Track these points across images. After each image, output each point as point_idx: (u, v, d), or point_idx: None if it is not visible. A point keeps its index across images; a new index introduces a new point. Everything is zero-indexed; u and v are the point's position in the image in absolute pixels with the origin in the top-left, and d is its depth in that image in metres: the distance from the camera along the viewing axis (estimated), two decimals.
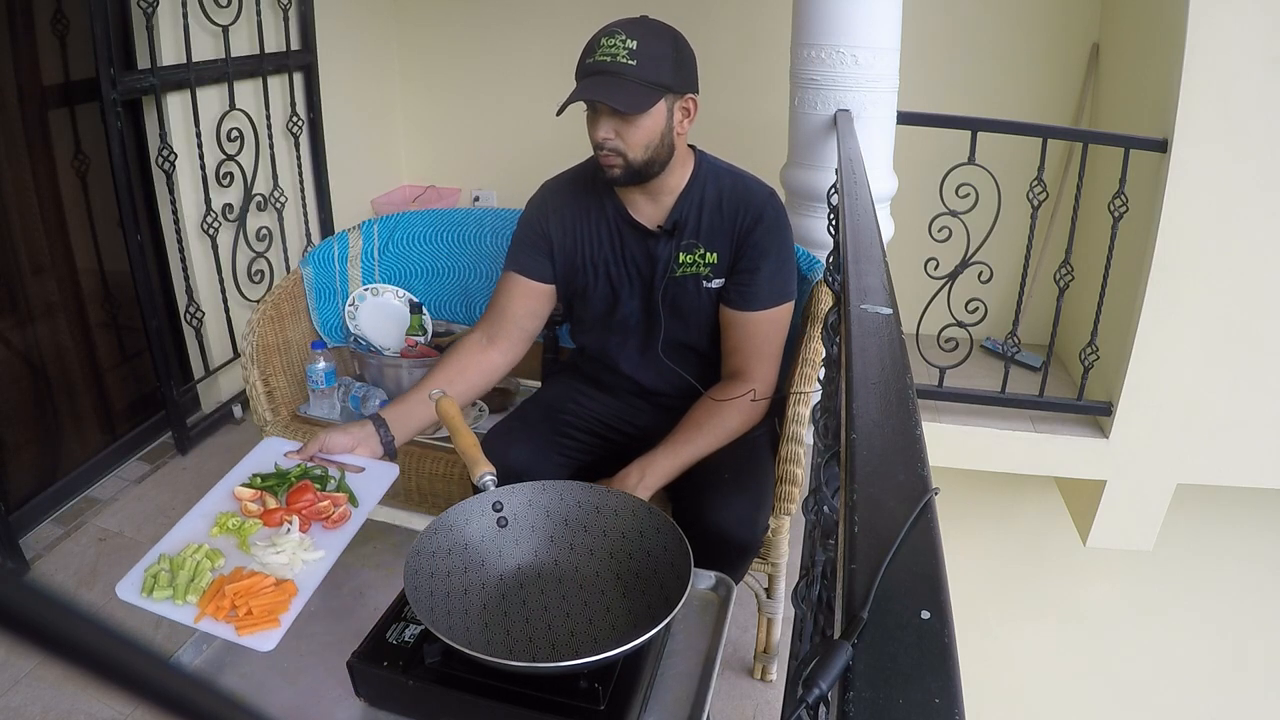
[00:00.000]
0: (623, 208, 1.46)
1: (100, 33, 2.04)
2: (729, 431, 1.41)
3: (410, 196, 3.48)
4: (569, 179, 1.54)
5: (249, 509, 1.13)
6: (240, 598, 0.97)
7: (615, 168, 1.35)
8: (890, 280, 0.96)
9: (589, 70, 1.30)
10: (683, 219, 1.44)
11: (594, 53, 1.30)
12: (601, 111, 1.32)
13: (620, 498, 1.07)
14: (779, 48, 2.27)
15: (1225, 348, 2.53)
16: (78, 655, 0.18)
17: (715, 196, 1.44)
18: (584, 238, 1.49)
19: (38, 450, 2.19)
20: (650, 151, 1.34)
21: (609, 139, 1.32)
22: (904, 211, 2.37)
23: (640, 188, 1.42)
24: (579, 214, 1.49)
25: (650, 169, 1.37)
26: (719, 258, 1.44)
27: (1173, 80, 2.28)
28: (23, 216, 2.10)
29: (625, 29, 1.30)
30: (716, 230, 1.44)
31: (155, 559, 1.03)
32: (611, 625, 0.96)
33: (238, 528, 1.10)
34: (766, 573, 1.56)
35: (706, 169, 1.46)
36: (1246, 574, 3.33)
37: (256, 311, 1.80)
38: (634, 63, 1.28)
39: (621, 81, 1.28)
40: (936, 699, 0.38)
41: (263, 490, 1.17)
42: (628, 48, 1.28)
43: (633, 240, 1.47)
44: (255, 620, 0.95)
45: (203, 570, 1.01)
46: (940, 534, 0.50)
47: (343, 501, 1.15)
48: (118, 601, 0.97)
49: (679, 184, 1.44)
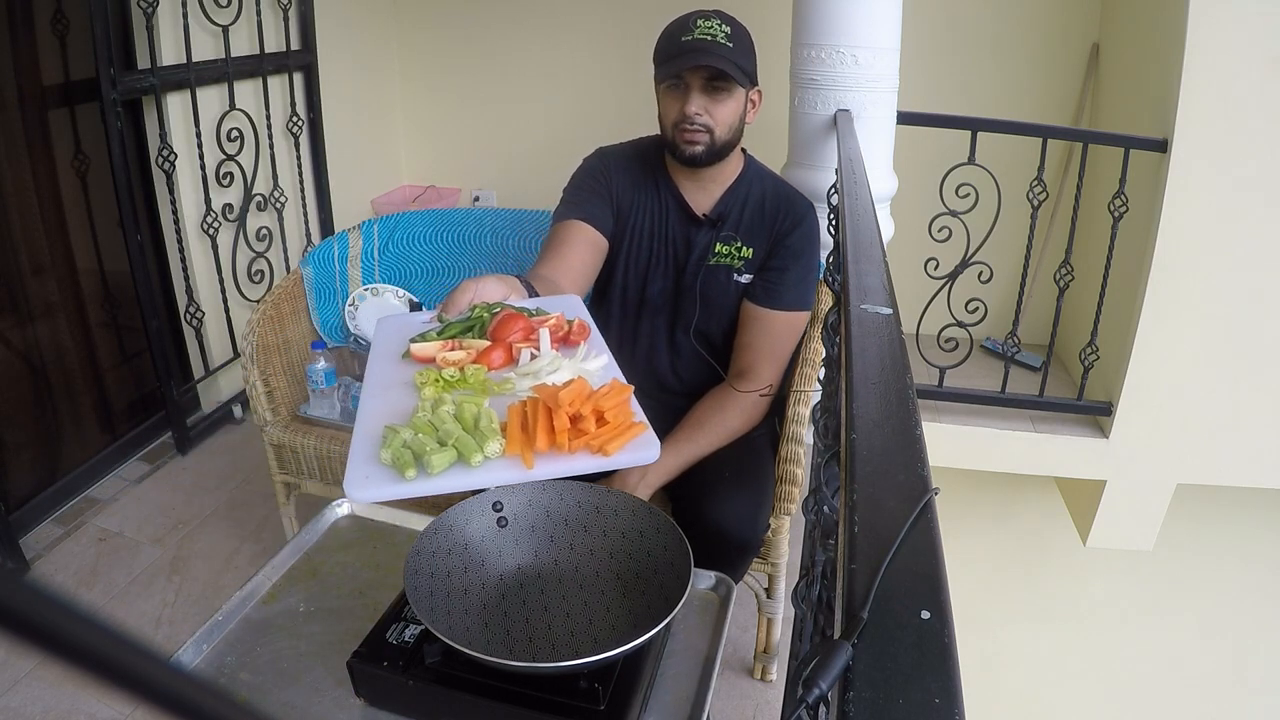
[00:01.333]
0: (678, 192, 1.50)
1: (100, 33, 2.04)
2: (730, 431, 1.43)
3: (410, 196, 3.48)
4: (629, 148, 1.56)
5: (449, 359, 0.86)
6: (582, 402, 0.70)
7: (699, 144, 1.38)
8: (890, 280, 0.96)
9: (689, 47, 1.33)
10: (727, 211, 1.48)
11: (691, 31, 1.34)
12: (694, 87, 1.36)
13: (620, 498, 1.07)
14: (779, 48, 2.27)
15: (1225, 348, 2.53)
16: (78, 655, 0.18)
17: (759, 195, 1.49)
18: (637, 205, 1.51)
19: (38, 450, 2.19)
20: (731, 132, 1.40)
21: (699, 114, 1.36)
22: (904, 211, 2.36)
23: (695, 174, 1.46)
24: (638, 180, 1.52)
25: (725, 150, 1.42)
26: (754, 254, 1.48)
27: (1173, 80, 2.27)
28: (23, 216, 2.10)
29: (718, 16, 1.36)
30: (757, 227, 1.48)
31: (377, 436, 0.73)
32: (611, 625, 0.96)
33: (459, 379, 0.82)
34: (766, 573, 1.56)
35: (754, 169, 1.52)
36: (1246, 574, 3.33)
37: (256, 311, 1.80)
38: (731, 45, 1.34)
39: (724, 59, 1.33)
40: (936, 699, 0.38)
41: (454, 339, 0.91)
42: (724, 31, 1.34)
43: (677, 222, 1.50)
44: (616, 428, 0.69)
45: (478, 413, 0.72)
46: (940, 534, 0.50)
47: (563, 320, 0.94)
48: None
49: (730, 177, 1.49)
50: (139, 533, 2.12)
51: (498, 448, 0.70)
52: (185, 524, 2.16)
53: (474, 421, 0.72)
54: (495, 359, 0.86)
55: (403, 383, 0.86)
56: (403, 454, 0.70)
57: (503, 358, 0.86)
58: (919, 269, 2.46)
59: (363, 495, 0.71)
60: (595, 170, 1.51)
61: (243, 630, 1.05)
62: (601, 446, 0.70)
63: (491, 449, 0.70)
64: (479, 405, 0.75)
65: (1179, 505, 2.78)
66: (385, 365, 0.92)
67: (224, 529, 2.14)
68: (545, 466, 0.69)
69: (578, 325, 0.93)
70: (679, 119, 1.37)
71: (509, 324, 0.90)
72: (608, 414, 0.71)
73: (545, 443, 0.69)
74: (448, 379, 0.82)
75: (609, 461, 0.71)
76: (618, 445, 0.69)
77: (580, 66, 3.27)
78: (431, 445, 0.70)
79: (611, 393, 0.74)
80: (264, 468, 1.89)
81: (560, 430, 0.69)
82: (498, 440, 0.70)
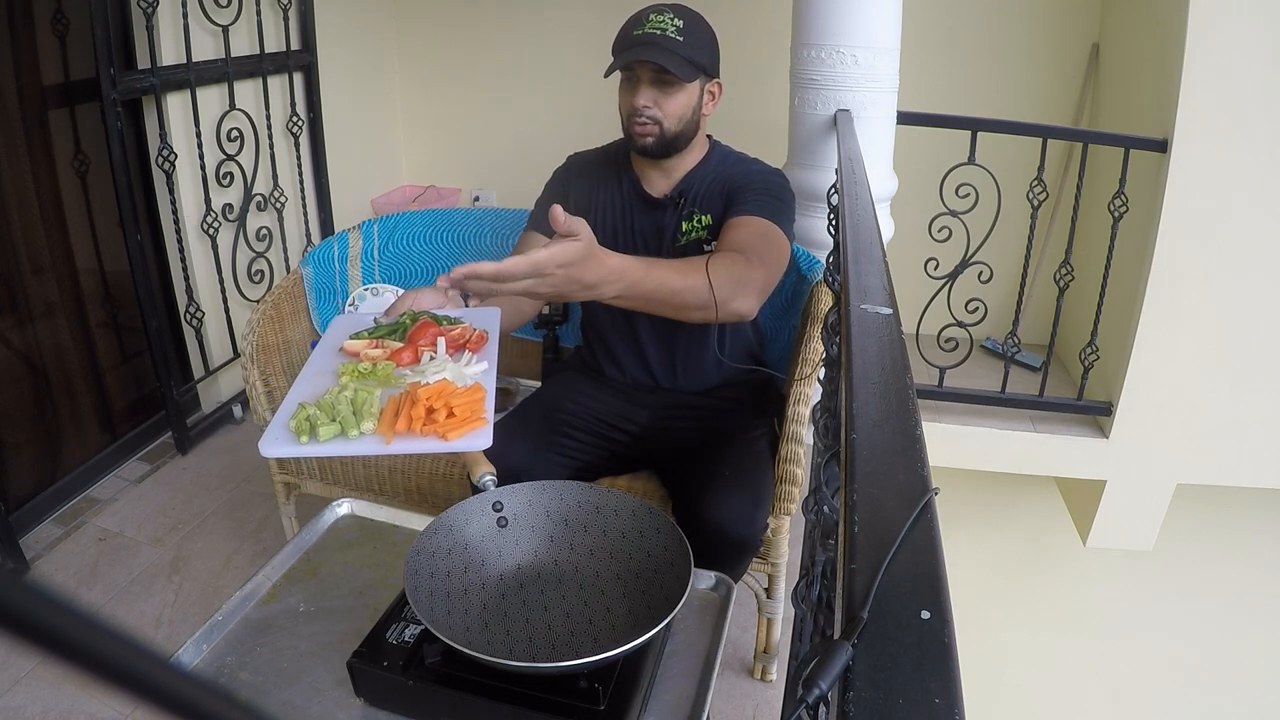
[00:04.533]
0: (637, 181, 1.52)
1: (100, 33, 2.04)
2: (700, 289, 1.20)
3: (410, 196, 3.48)
4: (595, 153, 1.62)
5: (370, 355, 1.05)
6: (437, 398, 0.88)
7: (649, 136, 1.42)
8: (890, 280, 0.96)
9: (637, 40, 1.37)
10: (688, 189, 1.50)
11: (642, 25, 1.38)
12: (643, 80, 1.39)
13: (620, 498, 1.07)
14: (779, 48, 2.27)
15: (1225, 347, 2.53)
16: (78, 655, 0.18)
17: (720, 172, 1.51)
18: (598, 205, 1.54)
19: (38, 450, 2.19)
20: (682, 124, 1.42)
21: (648, 106, 1.39)
22: (904, 211, 2.37)
23: (657, 163, 1.49)
24: (597, 183, 1.56)
25: (678, 143, 1.44)
26: (713, 217, 1.48)
27: (1173, 80, 2.28)
28: (23, 216, 2.10)
29: (672, 10, 1.39)
30: (715, 195, 1.49)
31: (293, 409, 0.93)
32: (611, 625, 0.96)
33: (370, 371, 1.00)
34: (766, 573, 1.56)
35: (719, 152, 1.54)
36: (1246, 574, 3.33)
37: (256, 311, 1.80)
38: (681, 39, 1.36)
39: (669, 53, 1.35)
40: (936, 699, 0.38)
41: (379, 338, 1.09)
42: (675, 25, 1.37)
43: (641, 211, 1.52)
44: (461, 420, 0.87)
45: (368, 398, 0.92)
46: (940, 534, 0.50)
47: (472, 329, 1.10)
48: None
49: (692, 163, 1.51)
50: (139, 533, 2.12)
51: (370, 426, 0.90)
52: (185, 524, 2.16)
53: (361, 405, 0.92)
54: (404, 358, 1.04)
55: (331, 370, 1.05)
56: (304, 424, 0.90)
57: (409, 357, 1.05)
58: (919, 269, 2.46)
59: (269, 451, 0.90)
60: (556, 180, 1.60)
61: (243, 630, 1.05)
62: (444, 433, 0.88)
63: (365, 426, 0.90)
64: (371, 393, 0.95)
65: (1179, 505, 2.78)
66: (325, 355, 1.11)
67: (224, 529, 2.14)
68: (399, 444, 0.88)
69: (477, 336, 1.09)
70: (630, 111, 1.42)
71: (422, 331, 1.08)
72: (456, 410, 0.89)
73: (403, 425, 0.88)
74: (362, 371, 1.01)
75: (448, 445, 0.88)
76: (458, 434, 0.88)
77: (580, 66, 3.26)
78: (323, 420, 0.90)
79: (467, 393, 0.93)
80: (264, 468, 1.90)
81: (416, 418, 0.89)
82: (371, 420, 0.90)
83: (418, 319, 1.11)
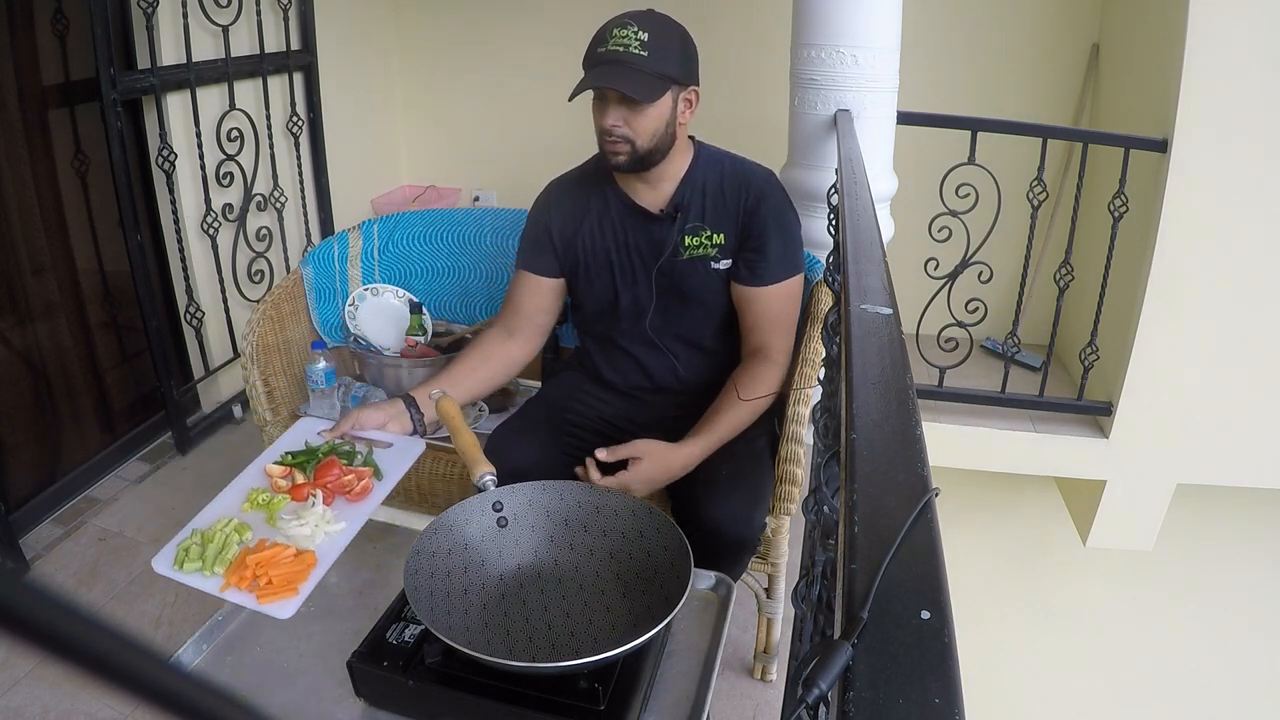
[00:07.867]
0: (625, 195, 1.49)
1: (100, 33, 2.04)
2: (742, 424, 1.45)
3: (410, 196, 3.48)
4: (573, 175, 1.58)
5: (278, 485, 1.19)
6: (261, 568, 1.01)
7: (621, 154, 1.38)
8: (890, 280, 0.96)
9: (601, 59, 1.33)
10: (685, 202, 1.47)
11: (606, 42, 1.33)
12: (611, 99, 1.35)
13: (620, 498, 1.07)
14: (779, 48, 2.27)
15: (1225, 348, 2.53)
16: (78, 655, 0.18)
17: (716, 180, 1.48)
18: (585, 228, 1.51)
19: (38, 450, 2.19)
20: (655, 140, 1.38)
21: (617, 126, 1.36)
22: (904, 211, 2.36)
23: (641, 176, 1.46)
24: (580, 206, 1.52)
25: (653, 157, 1.40)
26: (726, 238, 1.47)
27: (1173, 80, 2.28)
28: (23, 216, 2.10)
29: (637, 21, 1.33)
30: (721, 211, 1.47)
31: (188, 534, 1.09)
32: (611, 625, 0.96)
33: (267, 503, 1.15)
34: (766, 573, 1.56)
35: (705, 155, 1.50)
36: (1246, 574, 3.33)
37: (256, 311, 1.80)
38: (645, 54, 1.31)
39: (633, 71, 1.31)
40: (936, 699, 0.38)
41: (292, 467, 1.23)
42: (639, 39, 1.31)
43: (635, 226, 1.50)
44: (275, 589, 0.99)
45: (230, 543, 1.07)
46: (940, 534, 0.50)
47: (366, 475, 1.21)
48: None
49: (679, 171, 1.48)
50: (139, 533, 2.11)
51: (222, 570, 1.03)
52: (185, 524, 2.15)
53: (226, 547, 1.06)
54: (302, 494, 1.17)
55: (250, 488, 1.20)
56: (181, 553, 1.06)
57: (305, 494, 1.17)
58: (919, 269, 2.46)
59: (156, 564, 1.05)
60: (537, 212, 1.58)
61: (243, 630, 1.05)
62: (258, 596, 0.99)
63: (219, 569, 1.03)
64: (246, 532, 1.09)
65: (1179, 505, 2.78)
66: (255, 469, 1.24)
67: None
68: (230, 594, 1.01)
69: (361, 487, 1.18)
70: (601, 130, 1.39)
71: (323, 471, 1.19)
72: (275, 579, 1.00)
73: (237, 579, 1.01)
74: (260, 502, 1.16)
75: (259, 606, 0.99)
76: (266, 600, 0.99)
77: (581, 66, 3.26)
78: (195, 553, 1.05)
79: (292, 563, 1.03)
80: None
81: (244, 579, 1.01)
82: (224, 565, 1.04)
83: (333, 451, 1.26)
